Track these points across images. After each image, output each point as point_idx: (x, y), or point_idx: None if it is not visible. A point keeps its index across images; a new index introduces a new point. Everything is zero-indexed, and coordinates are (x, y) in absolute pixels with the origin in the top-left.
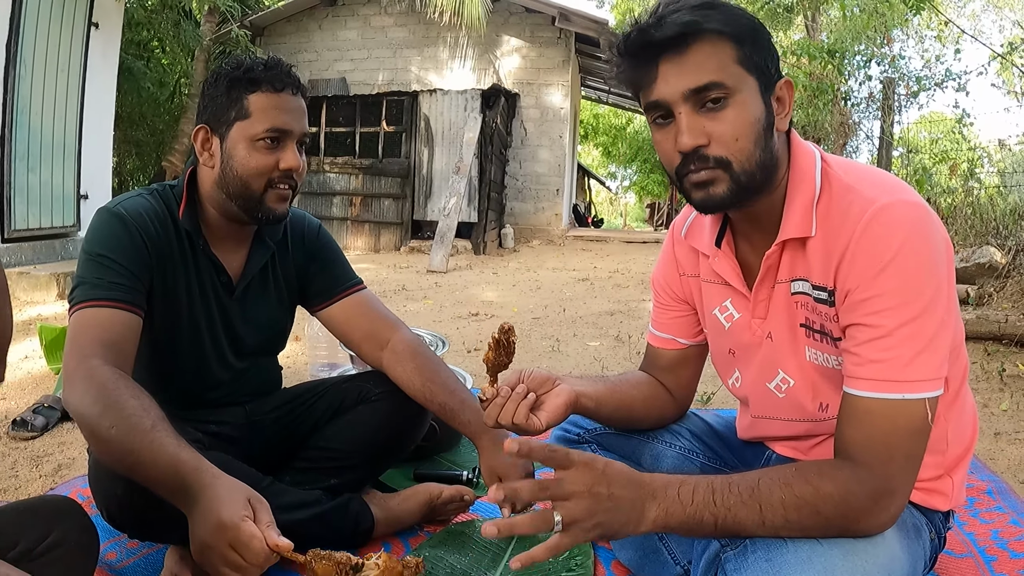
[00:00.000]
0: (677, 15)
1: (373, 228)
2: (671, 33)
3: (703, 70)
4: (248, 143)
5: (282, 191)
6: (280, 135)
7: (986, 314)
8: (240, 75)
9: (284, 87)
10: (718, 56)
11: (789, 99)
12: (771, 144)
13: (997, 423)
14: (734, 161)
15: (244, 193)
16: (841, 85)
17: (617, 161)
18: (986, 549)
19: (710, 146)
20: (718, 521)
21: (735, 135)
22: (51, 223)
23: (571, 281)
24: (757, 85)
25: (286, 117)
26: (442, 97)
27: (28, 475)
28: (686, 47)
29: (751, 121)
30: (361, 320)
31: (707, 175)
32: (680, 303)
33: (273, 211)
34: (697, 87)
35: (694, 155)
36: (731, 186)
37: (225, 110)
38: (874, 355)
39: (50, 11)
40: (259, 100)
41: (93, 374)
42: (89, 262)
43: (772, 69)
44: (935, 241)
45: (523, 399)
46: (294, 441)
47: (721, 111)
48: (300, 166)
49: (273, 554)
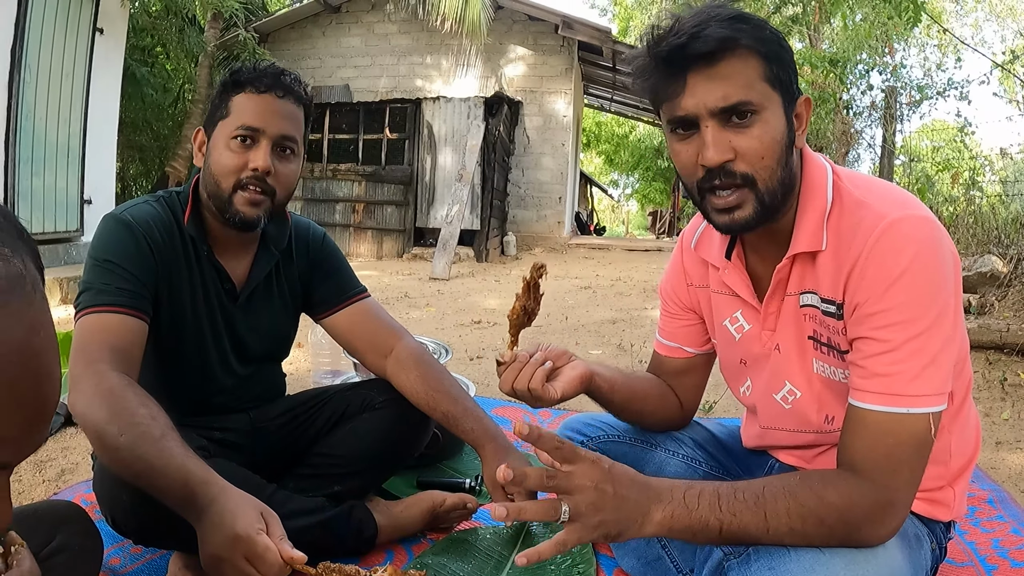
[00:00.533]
0: (712, 29)
1: (376, 235)
2: (708, 49)
3: (734, 86)
4: (224, 142)
5: (252, 194)
6: (252, 133)
7: (988, 323)
8: (230, 78)
9: (268, 89)
10: (747, 72)
11: (807, 116)
12: (791, 161)
13: (998, 432)
14: (759, 179)
15: (216, 192)
16: (843, 94)
17: (619, 169)
18: (987, 558)
19: (735, 162)
20: (723, 527)
21: (761, 153)
22: (54, 228)
23: (573, 289)
24: (781, 102)
25: (261, 116)
26: (445, 104)
27: (31, 480)
28: (717, 61)
29: (776, 139)
30: (365, 328)
31: (736, 198)
32: (688, 312)
33: (240, 213)
34: (727, 105)
35: (720, 170)
36: (756, 207)
37: (215, 112)
38: (881, 369)
39: (55, 17)
40: (240, 100)
41: (101, 379)
42: (96, 268)
43: (794, 86)
44: (944, 257)
45: (540, 366)
46: (298, 448)
47: (748, 128)
48: (268, 166)
49: (286, 567)
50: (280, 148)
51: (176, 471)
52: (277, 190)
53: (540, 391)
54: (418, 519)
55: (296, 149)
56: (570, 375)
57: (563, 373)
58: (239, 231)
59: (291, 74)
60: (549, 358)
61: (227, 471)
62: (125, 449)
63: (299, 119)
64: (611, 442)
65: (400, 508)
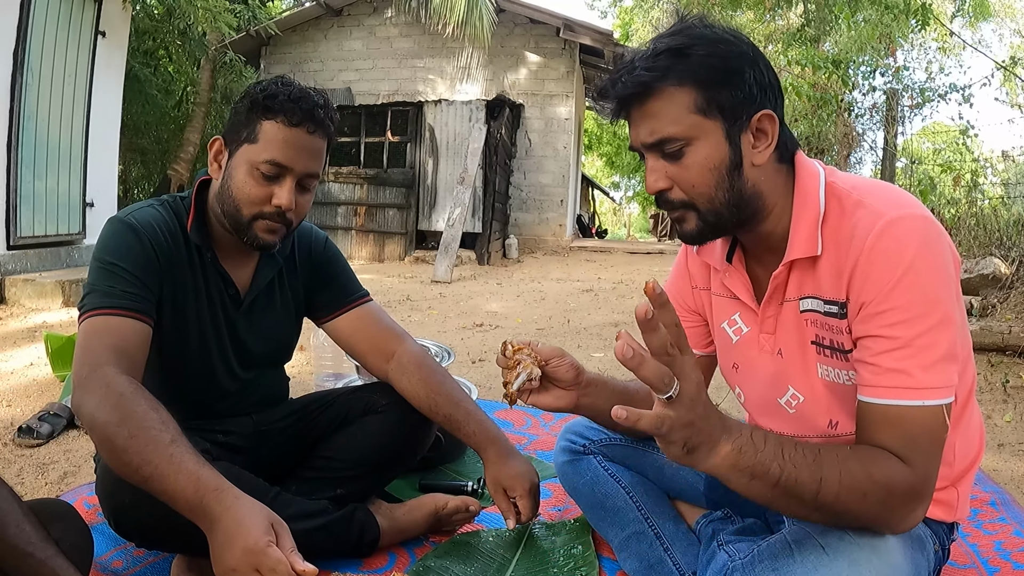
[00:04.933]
0: (637, 73)
1: (377, 238)
2: (628, 93)
3: (660, 122)
4: (248, 168)
5: (271, 224)
6: (280, 170)
7: (990, 325)
8: (261, 99)
9: (300, 123)
10: (672, 109)
11: (772, 129)
12: (738, 183)
13: (1001, 435)
14: (697, 203)
15: (234, 215)
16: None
17: (621, 171)
18: (989, 560)
19: (672, 190)
20: (782, 476)
21: (692, 182)
22: (57, 230)
23: (575, 292)
24: (722, 127)
25: (291, 153)
26: (447, 107)
27: (34, 483)
28: (647, 98)
29: (710, 167)
30: (367, 332)
31: (678, 215)
32: (692, 314)
33: (259, 239)
34: (649, 143)
35: (660, 197)
36: (699, 224)
37: (240, 128)
38: (893, 364)
39: (57, 19)
40: (270, 129)
41: (110, 382)
42: (100, 270)
43: (748, 105)
44: (945, 254)
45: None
46: (300, 451)
47: (680, 159)
48: (292, 205)
49: None
50: (303, 183)
51: (187, 477)
52: (294, 221)
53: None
54: (421, 522)
55: (318, 179)
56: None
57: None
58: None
59: (323, 104)
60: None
61: (230, 474)
62: (134, 452)
63: (323, 152)
64: (613, 445)
65: (403, 511)
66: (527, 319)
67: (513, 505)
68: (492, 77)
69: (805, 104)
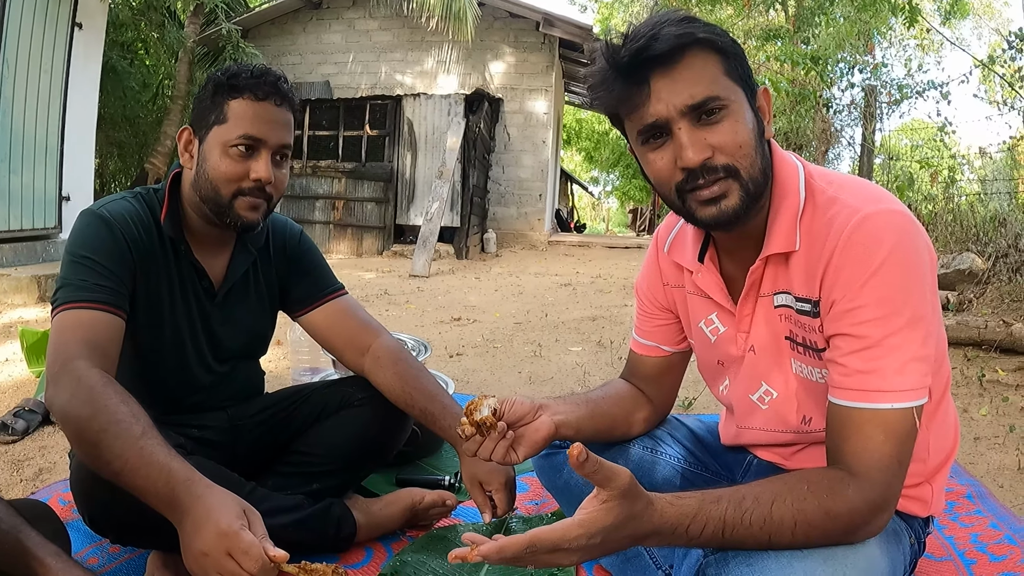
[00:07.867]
0: (667, 29)
1: (355, 232)
2: (667, 47)
3: (699, 83)
4: (222, 148)
5: (253, 200)
6: (253, 143)
7: (966, 320)
8: (225, 80)
9: (267, 96)
10: (709, 68)
11: (768, 107)
12: (766, 151)
13: (976, 428)
14: (741, 168)
15: (214, 197)
16: (823, 92)
17: (600, 166)
18: (966, 552)
19: (714, 157)
20: (723, 547)
21: (738, 143)
22: (32, 224)
23: (553, 286)
24: (744, 95)
25: (262, 126)
26: (426, 101)
27: (8, 479)
28: (677, 62)
29: (749, 129)
30: (342, 326)
31: (719, 188)
32: (664, 311)
33: (242, 218)
34: (696, 103)
35: (701, 169)
36: (741, 195)
37: (207, 113)
38: (861, 366)
39: (33, 11)
40: (238, 106)
41: (81, 376)
42: (73, 264)
43: (751, 80)
44: (920, 250)
45: (502, 439)
46: (276, 446)
47: (720, 123)
48: (270, 177)
49: (271, 565)
50: (277, 156)
51: (158, 469)
52: (274, 195)
53: (502, 461)
54: (397, 516)
55: (290, 154)
56: (533, 439)
57: (527, 436)
58: (239, 233)
59: (285, 79)
60: (511, 421)
61: (205, 469)
62: (105, 446)
63: (291, 125)
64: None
65: (379, 506)
66: (505, 313)
67: (489, 499)
68: (471, 71)
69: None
